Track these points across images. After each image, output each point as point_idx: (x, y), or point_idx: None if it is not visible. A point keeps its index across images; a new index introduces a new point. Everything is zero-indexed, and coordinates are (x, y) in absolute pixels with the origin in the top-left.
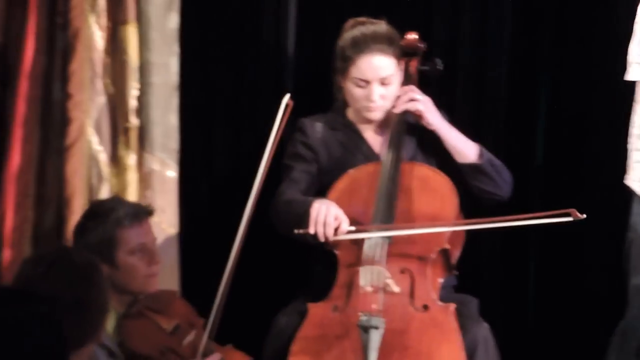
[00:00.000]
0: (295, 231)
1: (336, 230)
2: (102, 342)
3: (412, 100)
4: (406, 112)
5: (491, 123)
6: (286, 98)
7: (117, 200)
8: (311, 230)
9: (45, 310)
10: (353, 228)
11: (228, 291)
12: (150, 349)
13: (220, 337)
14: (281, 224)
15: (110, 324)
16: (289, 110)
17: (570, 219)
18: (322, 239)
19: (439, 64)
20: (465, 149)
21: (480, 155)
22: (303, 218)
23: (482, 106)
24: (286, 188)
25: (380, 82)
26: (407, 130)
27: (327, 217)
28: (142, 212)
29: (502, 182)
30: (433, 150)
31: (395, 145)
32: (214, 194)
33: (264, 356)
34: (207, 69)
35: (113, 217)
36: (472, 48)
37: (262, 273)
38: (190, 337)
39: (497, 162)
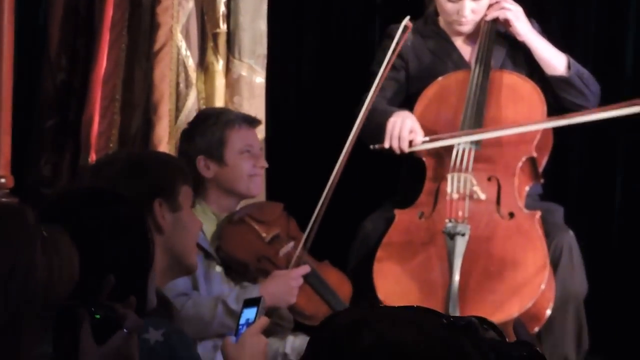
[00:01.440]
0: (371, 147)
1: (411, 142)
2: (200, 244)
3: (502, 8)
4: (497, 21)
5: (581, 33)
6: (406, 20)
7: (225, 108)
8: (386, 145)
9: (131, 208)
10: (427, 139)
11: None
12: (246, 255)
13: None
14: (362, 131)
15: (209, 228)
16: (407, 31)
17: None
18: (397, 152)
19: None
20: (553, 60)
21: (569, 68)
22: (380, 129)
23: (572, 17)
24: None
25: None
26: (497, 39)
27: (402, 131)
28: (250, 119)
29: (590, 94)
30: (523, 60)
31: (484, 53)
32: (302, 100)
33: (350, 261)
34: None
35: (223, 119)
36: None
37: (349, 180)
38: (287, 248)
39: (586, 74)
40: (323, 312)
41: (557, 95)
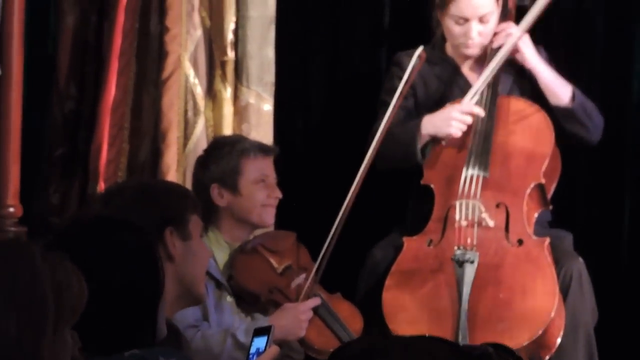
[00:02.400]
0: (443, 143)
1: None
2: (212, 273)
3: (509, 35)
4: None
5: (587, 61)
6: (419, 50)
7: (240, 136)
8: (458, 133)
9: (141, 236)
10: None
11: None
12: (258, 286)
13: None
14: (384, 157)
15: (222, 257)
16: (421, 62)
17: None
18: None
19: None
20: (558, 90)
21: (573, 99)
22: (410, 145)
23: (578, 43)
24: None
25: (478, 20)
26: (504, 66)
27: (450, 119)
28: (266, 148)
29: (593, 127)
30: (529, 88)
31: (492, 79)
32: (309, 127)
33: (358, 290)
34: (304, 3)
35: (238, 147)
36: None
37: (357, 208)
38: (299, 280)
39: (590, 106)
40: (333, 346)
41: (559, 124)
